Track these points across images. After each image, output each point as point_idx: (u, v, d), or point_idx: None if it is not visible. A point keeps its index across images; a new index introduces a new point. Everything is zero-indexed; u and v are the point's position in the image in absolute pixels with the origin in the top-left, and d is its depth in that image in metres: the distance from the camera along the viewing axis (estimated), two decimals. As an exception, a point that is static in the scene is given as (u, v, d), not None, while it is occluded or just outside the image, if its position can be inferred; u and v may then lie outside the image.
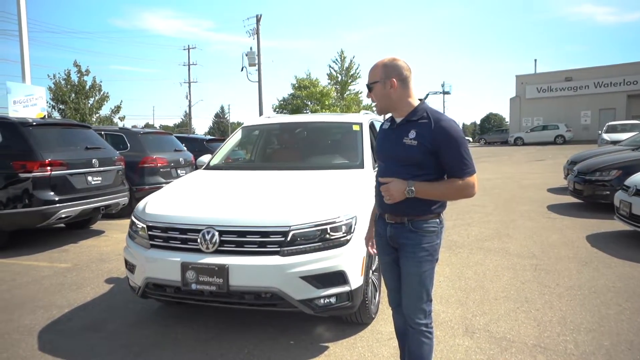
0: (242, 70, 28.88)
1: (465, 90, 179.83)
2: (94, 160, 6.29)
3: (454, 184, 2.03)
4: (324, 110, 30.34)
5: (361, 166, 3.87)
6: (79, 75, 19.34)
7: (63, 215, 5.75)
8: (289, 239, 2.81)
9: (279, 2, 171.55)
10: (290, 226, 2.82)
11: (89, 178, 6.20)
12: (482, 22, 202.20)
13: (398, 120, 2.15)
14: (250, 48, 29.06)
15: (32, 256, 5.53)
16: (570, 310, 3.54)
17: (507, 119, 45.94)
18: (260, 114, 28.60)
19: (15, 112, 11.12)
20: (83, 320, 3.57)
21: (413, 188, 2.00)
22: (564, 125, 30.91)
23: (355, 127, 4.35)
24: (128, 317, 3.59)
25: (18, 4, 11.49)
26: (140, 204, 3.40)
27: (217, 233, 2.87)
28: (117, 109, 21.11)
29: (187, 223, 2.98)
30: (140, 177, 8.10)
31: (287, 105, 33.22)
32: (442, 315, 3.49)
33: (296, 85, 32.97)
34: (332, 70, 36.96)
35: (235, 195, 3.38)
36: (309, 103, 32.43)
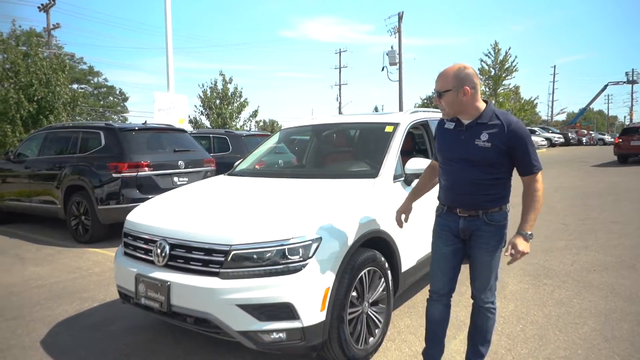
0: (382, 70, 28.63)
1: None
2: (180, 162, 6.74)
3: (533, 194, 2.18)
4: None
5: (374, 175, 3.24)
6: (223, 83, 21.53)
7: (149, 213, 6.27)
8: (229, 259, 2.45)
9: (433, 1, 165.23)
10: (231, 245, 2.45)
11: (175, 178, 6.65)
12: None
13: (466, 122, 2.24)
14: (392, 47, 28.56)
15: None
16: (654, 395, 2.39)
17: None
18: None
19: (159, 118, 12.80)
20: (99, 317, 3.73)
21: (529, 232, 2.16)
22: None
23: (388, 129, 3.70)
24: (132, 319, 3.63)
25: (165, 23, 13.18)
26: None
27: (168, 246, 2.66)
28: (255, 113, 22.96)
29: (148, 232, 2.84)
30: (237, 178, 8.46)
31: (430, 104, 31.83)
32: (457, 371, 2.70)
33: (440, 82, 31.34)
34: (483, 65, 34.19)
35: (207, 206, 3.10)
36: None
